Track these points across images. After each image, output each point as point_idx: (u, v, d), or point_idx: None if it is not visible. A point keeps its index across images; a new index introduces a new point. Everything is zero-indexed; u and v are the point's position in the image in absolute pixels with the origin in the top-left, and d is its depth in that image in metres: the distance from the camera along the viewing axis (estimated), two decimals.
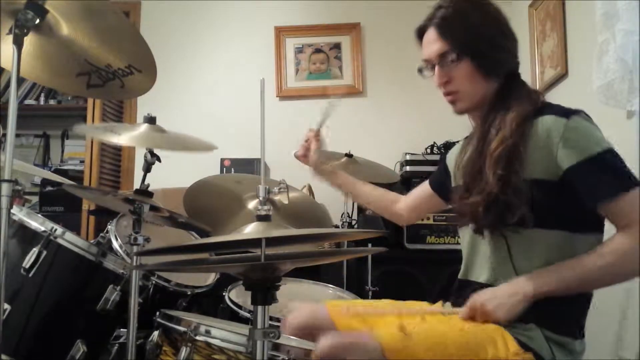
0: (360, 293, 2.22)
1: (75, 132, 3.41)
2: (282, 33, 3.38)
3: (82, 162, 3.32)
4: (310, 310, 1.31)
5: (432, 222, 2.55)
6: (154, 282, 1.67)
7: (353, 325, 1.24)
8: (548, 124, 1.11)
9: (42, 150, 3.68)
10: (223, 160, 2.93)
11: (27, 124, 3.58)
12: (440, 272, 2.38)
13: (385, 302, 1.37)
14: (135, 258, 1.49)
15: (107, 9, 1.30)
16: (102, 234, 1.75)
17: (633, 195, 1.04)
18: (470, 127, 1.31)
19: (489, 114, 1.20)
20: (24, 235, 1.53)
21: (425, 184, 1.54)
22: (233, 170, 2.90)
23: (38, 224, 1.53)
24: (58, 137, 3.67)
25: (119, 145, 3.41)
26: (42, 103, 3.49)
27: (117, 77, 1.36)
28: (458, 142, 1.43)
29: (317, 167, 1.62)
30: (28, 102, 3.47)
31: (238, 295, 1.70)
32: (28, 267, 1.47)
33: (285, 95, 3.32)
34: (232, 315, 1.66)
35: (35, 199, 3.17)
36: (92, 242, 1.65)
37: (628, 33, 1.62)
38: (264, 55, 3.36)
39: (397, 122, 3.25)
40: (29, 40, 1.23)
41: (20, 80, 2.81)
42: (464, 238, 1.28)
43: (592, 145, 1.07)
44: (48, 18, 1.23)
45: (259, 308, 0.89)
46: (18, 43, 1.17)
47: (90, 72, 1.35)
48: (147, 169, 1.54)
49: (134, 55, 1.36)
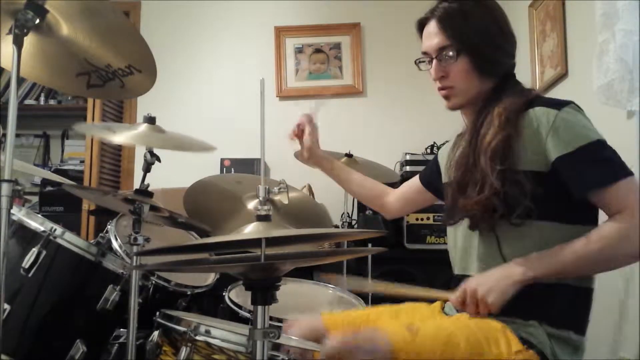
0: (360, 293, 2.22)
1: (75, 131, 3.42)
2: (282, 33, 3.38)
3: (82, 162, 3.33)
4: (307, 323, 1.32)
5: (432, 222, 2.55)
6: (154, 282, 1.67)
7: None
8: (538, 115, 1.11)
9: (42, 150, 3.68)
10: (223, 160, 2.93)
11: (27, 124, 3.58)
12: (440, 272, 2.35)
13: (382, 309, 1.36)
14: (135, 258, 1.49)
15: (107, 9, 1.30)
16: (102, 234, 1.74)
17: (625, 184, 1.05)
18: (463, 123, 1.31)
19: (482, 111, 1.20)
20: (24, 235, 1.52)
21: (415, 179, 1.55)
22: (233, 170, 2.91)
23: (38, 224, 1.53)
24: (58, 137, 3.67)
25: (119, 146, 3.41)
26: (42, 103, 3.49)
27: (117, 77, 1.36)
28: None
29: (310, 150, 1.56)
30: (28, 102, 3.47)
31: (238, 295, 1.70)
32: (28, 267, 1.47)
33: (285, 95, 3.32)
34: (232, 315, 1.66)
35: (35, 199, 3.17)
36: (92, 242, 1.65)
37: (628, 33, 1.62)
38: (264, 55, 3.36)
39: (397, 122, 3.25)
40: (29, 40, 1.23)
41: (20, 80, 2.81)
42: (456, 234, 1.27)
43: (582, 136, 1.08)
44: (48, 18, 1.23)
45: (259, 308, 0.88)
46: (18, 43, 1.16)
47: (90, 72, 1.35)
48: (146, 169, 1.54)
49: (134, 55, 1.36)
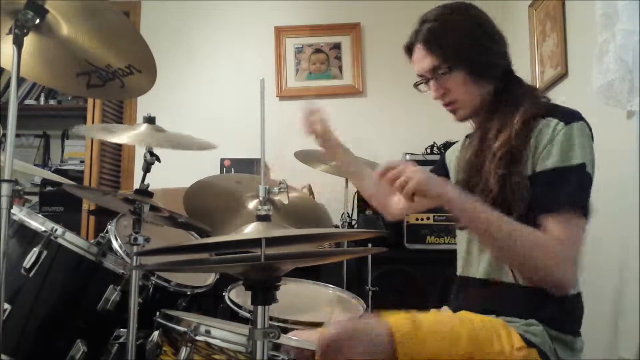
0: (360, 293, 2.22)
1: (75, 133, 3.42)
2: (282, 33, 3.38)
3: (82, 162, 3.33)
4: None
5: (432, 222, 2.55)
6: (154, 282, 1.66)
7: None
8: (547, 125, 1.12)
9: (42, 150, 3.68)
10: (223, 160, 2.93)
11: (27, 124, 3.58)
12: (440, 272, 2.38)
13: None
14: (135, 258, 1.49)
15: (107, 9, 1.30)
16: (102, 234, 1.74)
17: (568, 217, 1.05)
18: (470, 126, 1.31)
19: (490, 114, 1.21)
20: (25, 235, 1.52)
21: None
22: (233, 170, 2.91)
23: (38, 224, 1.53)
24: (58, 137, 3.67)
25: (119, 146, 3.41)
26: (42, 103, 3.49)
27: (117, 77, 1.36)
28: (458, 142, 1.43)
29: (326, 137, 1.53)
30: (28, 102, 3.47)
31: (238, 295, 1.70)
32: (29, 267, 1.47)
33: (285, 95, 3.32)
34: (232, 315, 1.66)
35: (35, 199, 3.17)
36: (92, 242, 1.65)
37: (628, 33, 1.62)
38: (264, 55, 3.36)
39: (397, 122, 3.25)
40: (29, 40, 1.23)
41: (20, 80, 2.81)
42: (462, 235, 1.28)
43: (570, 156, 1.08)
44: (48, 18, 1.23)
45: (259, 308, 0.88)
46: (18, 43, 1.16)
47: (90, 72, 1.35)
48: (146, 169, 1.53)
49: (134, 55, 1.36)
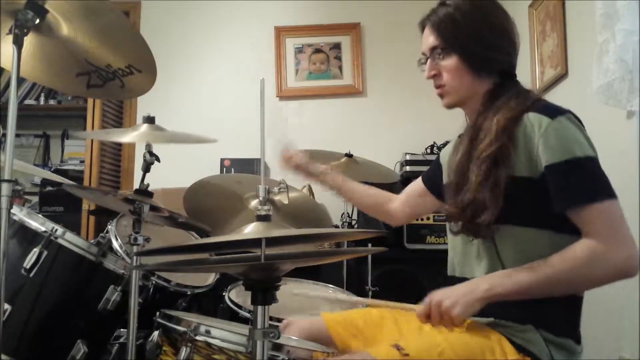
0: (360, 293, 2.22)
1: (74, 136, 3.44)
2: (282, 33, 3.38)
3: (82, 162, 3.33)
4: (308, 324, 1.31)
5: (432, 222, 2.55)
6: (154, 282, 1.67)
7: (349, 341, 1.25)
8: (532, 121, 1.10)
9: (42, 150, 3.68)
10: (223, 160, 2.93)
11: (27, 124, 3.58)
12: (440, 272, 2.35)
13: (384, 312, 1.32)
14: (135, 258, 1.49)
15: (107, 9, 1.30)
16: (102, 234, 1.74)
17: (603, 206, 1.03)
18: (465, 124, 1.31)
19: (480, 115, 1.19)
20: (25, 236, 1.52)
21: (418, 181, 1.52)
22: (233, 170, 2.91)
23: (39, 224, 1.53)
24: (58, 137, 3.68)
25: (119, 145, 3.41)
26: (42, 103, 3.50)
27: (117, 77, 1.36)
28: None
29: (306, 167, 1.56)
30: (28, 102, 3.47)
31: (238, 295, 1.70)
32: (29, 267, 1.47)
33: (285, 95, 3.32)
34: (232, 315, 1.66)
35: (35, 199, 3.18)
36: (92, 242, 1.65)
37: (628, 33, 1.62)
38: (264, 55, 3.36)
39: (397, 122, 3.25)
40: (29, 40, 1.23)
41: (20, 80, 2.81)
42: (456, 237, 1.26)
43: (573, 148, 1.06)
44: (48, 18, 1.24)
45: (259, 308, 0.88)
46: (18, 43, 1.17)
47: (90, 72, 1.35)
48: (146, 169, 1.53)
49: (134, 55, 1.36)
